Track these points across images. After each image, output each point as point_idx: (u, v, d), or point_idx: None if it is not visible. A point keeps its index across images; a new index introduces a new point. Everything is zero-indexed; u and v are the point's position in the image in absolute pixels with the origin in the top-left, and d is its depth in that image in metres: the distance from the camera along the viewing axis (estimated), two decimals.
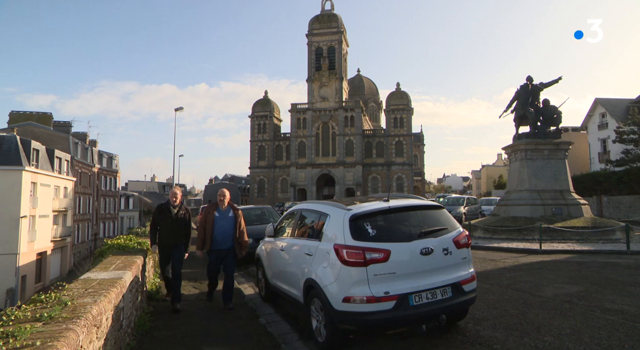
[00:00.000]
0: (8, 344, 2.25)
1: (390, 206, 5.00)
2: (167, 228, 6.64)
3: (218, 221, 6.81)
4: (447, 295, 4.64)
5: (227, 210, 6.89)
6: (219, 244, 6.79)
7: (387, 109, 66.31)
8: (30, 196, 32.66)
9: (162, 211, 6.72)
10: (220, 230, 6.78)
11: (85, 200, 47.34)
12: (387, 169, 64.46)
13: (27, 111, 46.24)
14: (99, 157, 52.71)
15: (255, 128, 69.00)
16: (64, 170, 40.40)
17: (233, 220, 6.83)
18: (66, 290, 3.94)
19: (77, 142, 45.20)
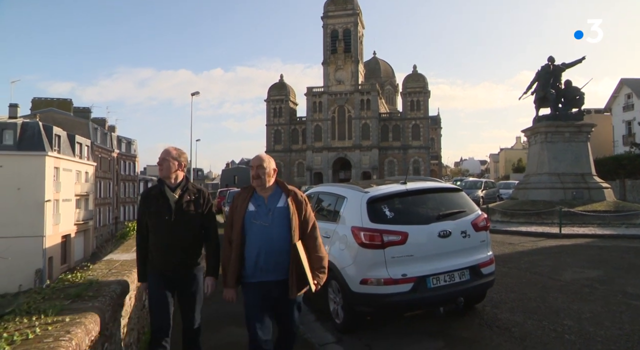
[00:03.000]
0: (40, 319, 2.34)
1: (407, 189, 4.98)
2: (162, 235, 3.30)
3: (255, 220, 3.18)
4: (465, 278, 4.64)
5: (273, 195, 3.26)
6: (261, 270, 3.15)
7: (404, 91, 65.48)
8: (53, 181, 33.50)
9: (149, 201, 3.42)
10: (260, 240, 3.14)
11: (106, 184, 48.31)
12: (404, 153, 63.98)
13: (49, 98, 47.19)
14: (118, 142, 53.51)
15: (271, 112, 68.96)
16: (85, 155, 41.20)
17: (286, 216, 3.18)
18: (91, 271, 4.06)
19: (96, 127, 45.92)
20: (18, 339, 2.00)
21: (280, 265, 3.12)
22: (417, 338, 4.56)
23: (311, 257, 3.17)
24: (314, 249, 3.21)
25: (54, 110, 43.63)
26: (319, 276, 3.19)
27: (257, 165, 3.23)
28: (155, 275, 3.38)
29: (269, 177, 3.22)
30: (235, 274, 3.16)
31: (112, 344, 3.08)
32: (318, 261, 3.20)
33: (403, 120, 65.04)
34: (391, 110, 77.26)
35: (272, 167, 3.26)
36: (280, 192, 3.27)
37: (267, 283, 3.13)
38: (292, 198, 3.21)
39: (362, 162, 63.62)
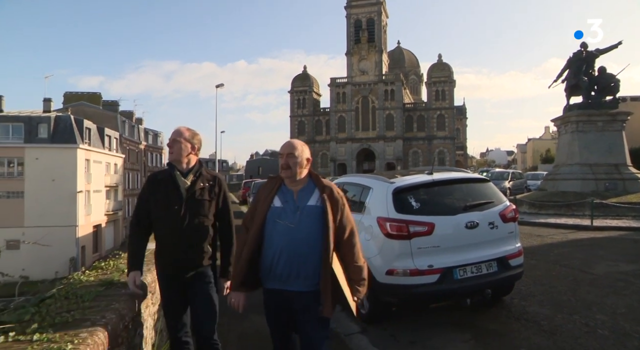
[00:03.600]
0: (77, 303, 2.44)
1: (434, 179, 4.93)
2: (169, 228, 2.86)
3: (279, 219, 2.63)
4: (492, 270, 4.56)
5: (304, 190, 2.70)
6: (277, 277, 2.63)
7: (429, 81, 64.47)
8: (85, 172, 34.59)
9: (155, 186, 2.96)
10: (282, 243, 2.60)
11: (134, 176, 49.51)
12: (429, 143, 63.17)
13: (79, 92, 48.51)
14: (145, 134, 54.64)
15: (295, 103, 69.03)
16: (114, 147, 42.27)
17: (317, 217, 2.60)
18: (122, 259, 4.18)
19: (124, 120, 46.99)
20: (59, 322, 2.09)
21: (304, 275, 2.53)
22: (443, 329, 4.53)
23: (349, 267, 2.62)
24: (352, 258, 2.62)
25: (85, 104, 44.85)
26: (358, 290, 2.64)
27: (287, 153, 2.64)
28: (165, 277, 2.95)
29: (300, 167, 2.64)
30: (240, 277, 2.64)
31: (145, 329, 3.18)
32: (357, 272, 2.64)
33: (428, 111, 64.10)
34: (416, 100, 76.24)
35: (305, 156, 2.68)
36: (312, 187, 2.66)
37: (286, 293, 2.57)
38: (327, 195, 2.59)
39: (386, 152, 63.14)
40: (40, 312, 2.21)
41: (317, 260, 2.52)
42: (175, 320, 2.96)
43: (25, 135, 33.18)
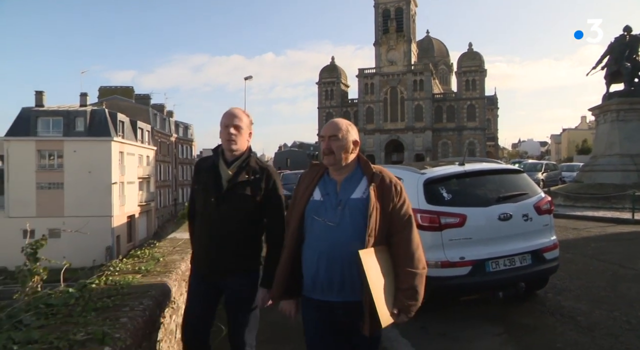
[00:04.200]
0: (116, 290, 2.53)
1: (465, 170, 4.84)
2: (204, 222, 2.60)
3: (317, 216, 2.21)
4: (526, 263, 4.47)
5: (350, 179, 2.25)
6: (322, 287, 2.18)
7: (459, 71, 63.01)
8: (119, 164, 35.73)
9: (199, 174, 2.71)
10: (322, 245, 2.18)
11: (165, 167, 50.73)
12: (458, 134, 61.93)
13: (113, 86, 49.86)
14: (176, 127, 55.79)
15: (323, 95, 68.84)
16: (146, 140, 43.39)
17: (363, 211, 2.13)
18: (157, 248, 4.32)
19: (155, 113, 48.10)
20: (100, 307, 2.17)
21: (351, 284, 2.11)
22: (475, 322, 4.47)
23: (399, 273, 2.12)
24: (404, 260, 2.12)
25: (118, 98, 46.11)
26: (403, 303, 2.08)
27: (330, 136, 2.20)
28: (196, 278, 2.63)
29: (346, 152, 2.21)
30: (282, 285, 2.25)
31: (179, 316, 3.27)
32: (407, 279, 2.10)
33: (458, 101, 62.73)
34: (445, 90, 74.69)
35: (351, 139, 2.23)
36: (360, 176, 2.21)
37: (331, 304, 2.15)
38: (376, 185, 2.14)
39: (415, 144, 62.31)
40: (84, 296, 2.31)
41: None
42: (194, 339, 2.53)
43: (64, 128, 34.57)
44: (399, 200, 2.19)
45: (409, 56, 62.98)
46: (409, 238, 2.16)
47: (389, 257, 2.16)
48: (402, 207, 2.19)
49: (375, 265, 2.08)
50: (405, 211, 2.19)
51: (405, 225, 2.18)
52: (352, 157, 2.25)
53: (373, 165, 2.27)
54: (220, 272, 2.51)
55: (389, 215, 2.14)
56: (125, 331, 1.94)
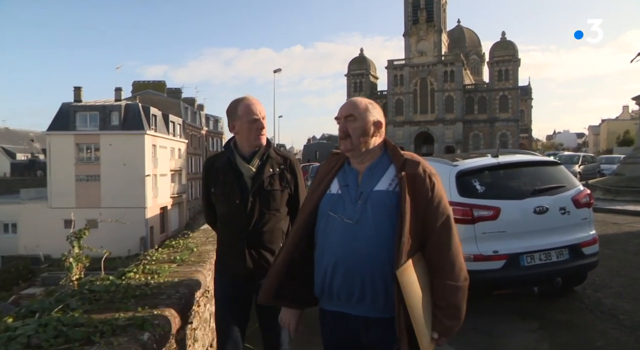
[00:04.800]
0: (154, 279, 2.61)
1: (499, 162, 4.74)
2: (232, 226, 2.37)
3: (333, 211, 1.82)
4: (563, 257, 4.33)
5: (374, 168, 1.84)
6: (337, 296, 1.80)
7: (491, 61, 61.38)
8: (152, 157, 36.68)
9: (214, 175, 2.42)
10: (338, 246, 1.78)
11: (196, 160, 51.74)
12: (490, 126, 60.46)
13: (146, 80, 51.18)
14: (206, 120, 56.70)
15: (352, 87, 68.45)
16: (177, 133, 44.32)
17: (389, 208, 1.74)
18: (191, 238, 4.41)
19: (186, 106, 49.01)
20: (139, 294, 2.25)
21: (373, 295, 1.73)
22: (509, 317, 4.38)
23: (435, 285, 1.74)
24: (442, 271, 1.74)
25: (151, 92, 47.22)
26: (443, 323, 1.72)
27: (346, 116, 1.85)
28: (224, 280, 2.41)
29: (365, 135, 1.82)
30: (271, 288, 1.89)
31: (212, 305, 3.34)
32: (447, 294, 1.72)
33: (490, 92, 61.16)
34: (477, 81, 72.90)
35: (371, 119, 1.84)
36: (386, 164, 1.83)
37: (348, 316, 1.80)
38: (408, 174, 1.73)
39: (445, 136, 61.25)
40: (123, 284, 2.39)
41: (389, 274, 1.67)
42: (227, 342, 2.36)
43: (100, 123, 35.74)
44: (435, 195, 1.75)
45: (440, 46, 61.75)
46: (447, 243, 1.74)
47: (426, 267, 1.77)
48: (438, 204, 1.75)
49: (414, 284, 1.69)
50: (442, 209, 1.76)
51: (442, 226, 1.75)
52: (374, 142, 1.86)
53: (404, 152, 1.86)
54: (257, 275, 2.24)
55: (422, 213, 1.72)
56: (164, 318, 2.00)
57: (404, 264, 1.66)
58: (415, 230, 1.70)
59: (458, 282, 1.73)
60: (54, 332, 1.61)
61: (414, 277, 1.70)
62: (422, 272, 1.74)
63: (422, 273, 1.74)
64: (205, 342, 3.02)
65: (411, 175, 1.73)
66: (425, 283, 1.75)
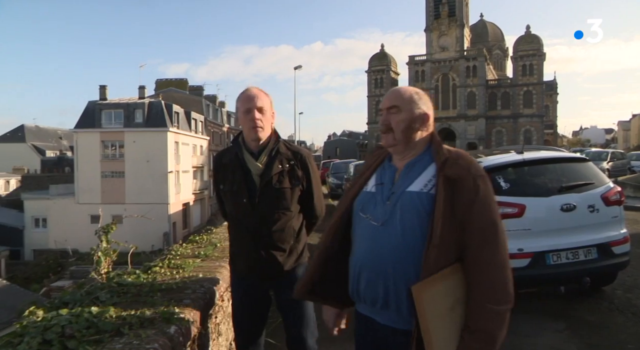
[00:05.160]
0: (179, 273, 2.65)
1: (525, 158, 4.65)
2: (242, 225, 2.30)
3: (364, 212, 1.71)
4: (591, 257, 4.22)
5: (412, 166, 1.67)
6: (364, 300, 1.70)
7: (515, 55, 60.05)
8: (174, 154, 37.27)
9: (222, 171, 2.36)
10: (364, 249, 1.69)
11: None
12: (514, 122, 59.24)
13: (168, 78, 51.95)
14: (228, 117, 57.23)
15: (372, 83, 68.03)
16: (199, 130, 44.88)
17: (421, 211, 1.57)
18: (214, 234, 4.48)
19: (208, 104, 49.56)
20: (165, 288, 2.29)
21: (397, 304, 1.59)
22: (534, 317, 4.29)
23: (471, 306, 1.51)
24: (479, 290, 1.50)
25: (173, 90, 47.92)
26: (470, 347, 1.49)
27: (389, 107, 1.70)
28: (238, 279, 2.39)
29: (409, 129, 1.66)
30: (306, 285, 1.84)
31: None
32: (481, 318, 1.49)
33: (513, 87, 59.89)
34: (500, 76, 71.49)
35: (417, 111, 1.68)
36: (428, 162, 1.66)
37: (377, 324, 1.69)
38: (448, 174, 1.55)
39: (467, 132, 60.31)
40: (150, 278, 2.44)
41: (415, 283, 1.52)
42: (246, 341, 2.36)
43: (125, 120, 36.52)
44: (478, 200, 1.53)
45: (462, 41, 60.74)
46: (488, 258, 1.50)
47: (462, 281, 1.54)
48: (481, 211, 1.53)
49: (434, 303, 1.50)
50: (486, 218, 1.54)
51: (483, 238, 1.52)
52: (420, 136, 1.68)
53: (448, 148, 1.67)
54: (271, 274, 2.25)
55: (460, 221, 1.51)
56: (190, 312, 2.04)
57: (427, 277, 1.48)
58: (449, 239, 1.50)
59: (498, 306, 1.48)
60: (85, 323, 1.66)
61: (436, 295, 1.50)
62: (455, 287, 1.53)
63: (454, 288, 1.53)
64: (229, 336, 3.06)
65: (452, 176, 1.54)
66: (456, 301, 1.53)
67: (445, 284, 1.51)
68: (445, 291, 1.51)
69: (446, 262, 1.51)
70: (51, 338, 1.49)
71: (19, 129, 58.15)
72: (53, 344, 1.48)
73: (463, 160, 1.59)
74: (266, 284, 2.31)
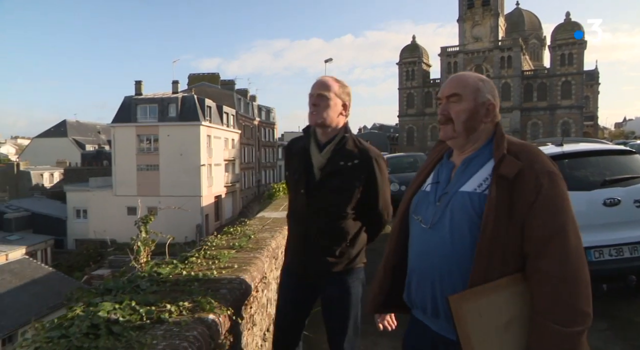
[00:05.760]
0: (214, 264, 2.71)
1: (564, 151, 4.48)
2: (295, 218, 2.32)
3: (415, 213, 1.63)
4: (637, 254, 4.04)
5: (471, 161, 1.52)
6: (416, 306, 1.61)
7: (553, 44, 57.78)
8: (207, 147, 37.99)
9: (290, 159, 2.38)
10: (414, 251, 1.62)
11: (249, 150, 53.00)
12: (551, 114, 57.20)
13: (201, 73, 52.92)
14: (259, 110, 57.79)
15: (404, 75, 67.09)
16: (231, 123, 45.53)
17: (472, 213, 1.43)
18: (248, 226, 4.53)
19: (239, 97, 50.16)
20: (202, 278, 2.34)
21: (444, 310, 1.46)
22: None
23: (533, 324, 1.32)
24: (542, 307, 1.31)
25: (205, 84, 48.75)
26: None
27: (449, 95, 1.56)
28: (288, 272, 2.40)
29: (471, 120, 1.52)
30: (376, 299, 1.77)
31: (270, 291, 3.43)
32: (544, 339, 1.30)
33: (551, 78, 57.73)
34: (536, 66, 69.04)
35: (480, 99, 1.52)
36: (487, 157, 1.50)
37: (429, 330, 1.58)
38: (504, 172, 1.39)
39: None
40: (187, 268, 2.50)
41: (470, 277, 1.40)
42: (283, 337, 2.36)
43: (159, 114, 37.48)
44: (541, 200, 1.35)
45: (496, 31, 58.98)
46: (553, 269, 1.30)
47: (525, 296, 1.35)
48: (544, 213, 1.34)
49: (484, 319, 1.32)
50: (552, 222, 1.34)
51: (545, 245, 1.32)
52: (483, 129, 1.53)
53: (513, 140, 1.49)
54: (313, 275, 2.22)
55: (520, 225, 1.35)
56: (226, 301, 2.07)
57: (471, 289, 1.33)
58: (505, 246, 1.35)
59: (566, 327, 1.26)
60: (128, 310, 1.72)
61: (483, 310, 1.32)
62: (511, 302, 1.34)
63: (511, 303, 1.34)
64: (263, 327, 3.10)
65: (505, 174, 1.37)
66: (514, 319, 1.34)
67: (497, 297, 1.33)
68: (498, 305, 1.32)
69: (501, 272, 1.34)
70: (98, 322, 1.56)
71: (62, 124, 60.71)
72: (100, 328, 1.54)
73: (526, 155, 1.42)
74: (312, 281, 2.26)
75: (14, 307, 19.29)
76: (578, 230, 1.37)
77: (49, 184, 48.39)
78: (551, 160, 1.46)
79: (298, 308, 2.33)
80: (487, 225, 1.35)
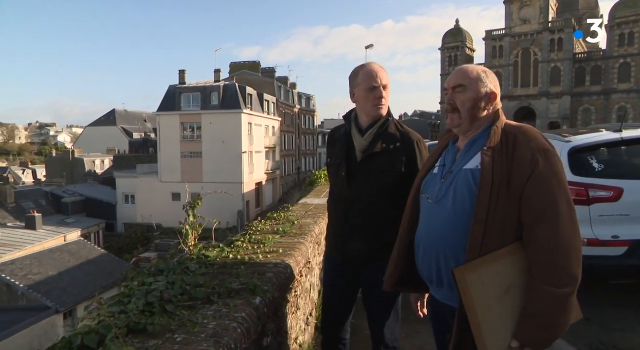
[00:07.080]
0: (260, 248, 2.76)
1: (623, 137, 4.21)
2: (336, 203, 2.35)
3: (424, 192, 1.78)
4: None
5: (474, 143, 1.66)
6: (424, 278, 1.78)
7: (611, 23, 54.11)
8: (248, 135, 38.66)
9: (332, 146, 2.39)
10: (421, 227, 1.76)
11: (289, 138, 53.44)
12: (605, 99, 53.94)
13: (242, 61, 53.60)
14: (299, 98, 58.02)
15: (446, 61, 65.16)
16: (272, 111, 46.00)
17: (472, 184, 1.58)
18: (291, 212, 4.58)
19: (280, 85, 50.51)
20: (248, 261, 2.40)
21: (447, 280, 1.61)
22: (627, 311, 3.96)
23: (530, 289, 1.47)
24: (537, 271, 1.46)
25: (246, 72, 49.38)
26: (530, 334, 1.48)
27: (454, 86, 1.68)
28: (330, 259, 2.45)
29: (475, 109, 1.64)
30: (393, 275, 1.86)
31: (313, 277, 3.47)
32: (538, 301, 1.45)
33: (607, 60, 54.28)
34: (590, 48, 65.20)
35: (483, 90, 1.64)
36: (487, 138, 1.60)
37: (436, 301, 1.78)
38: (490, 149, 1.54)
39: (549, 111, 56.07)
40: (233, 252, 2.57)
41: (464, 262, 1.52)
42: (332, 320, 2.40)
43: (202, 103, 38.41)
44: (536, 175, 1.47)
45: (546, 12, 55.97)
46: (548, 236, 1.44)
47: (522, 263, 1.50)
48: (539, 188, 1.47)
49: (487, 287, 1.46)
50: (545, 195, 1.47)
51: (540, 216, 1.46)
52: (486, 116, 1.66)
53: (511, 123, 1.64)
54: (353, 261, 2.22)
55: (516, 198, 1.48)
56: (272, 285, 2.12)
57: (475, 259, 1.46)
58: (502, 216, 1.48)
59: (559, 289, 1.43)
60: (180, 290, 1.79)
61: (485, 278, 1.45)
62: (511, 269, 1.49)
63: (510, 271, 1.48)
64: (306, 311, 3.15)
65: (500, 148, 1.53)
66: (513, 284, 1.50)
67: (498, 266, 1.47)
68: (498, 273, 1.48)
69: (500, 243, 1.49)
70: (153, 301, 1.64)
71: (111, 113, 63.57)
72: (154, 306, 1.62)
73: (523, 136, 1.55)
74: (352, 267, 2.27)
75: (73, 284, 20.64)
76: (571, 201, 1.51)
77: (100, 171, 50.98)
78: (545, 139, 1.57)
79: (343, 295, 2.37)
80: (482, 196, 1.49)
